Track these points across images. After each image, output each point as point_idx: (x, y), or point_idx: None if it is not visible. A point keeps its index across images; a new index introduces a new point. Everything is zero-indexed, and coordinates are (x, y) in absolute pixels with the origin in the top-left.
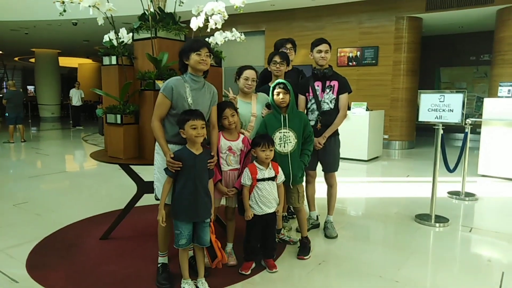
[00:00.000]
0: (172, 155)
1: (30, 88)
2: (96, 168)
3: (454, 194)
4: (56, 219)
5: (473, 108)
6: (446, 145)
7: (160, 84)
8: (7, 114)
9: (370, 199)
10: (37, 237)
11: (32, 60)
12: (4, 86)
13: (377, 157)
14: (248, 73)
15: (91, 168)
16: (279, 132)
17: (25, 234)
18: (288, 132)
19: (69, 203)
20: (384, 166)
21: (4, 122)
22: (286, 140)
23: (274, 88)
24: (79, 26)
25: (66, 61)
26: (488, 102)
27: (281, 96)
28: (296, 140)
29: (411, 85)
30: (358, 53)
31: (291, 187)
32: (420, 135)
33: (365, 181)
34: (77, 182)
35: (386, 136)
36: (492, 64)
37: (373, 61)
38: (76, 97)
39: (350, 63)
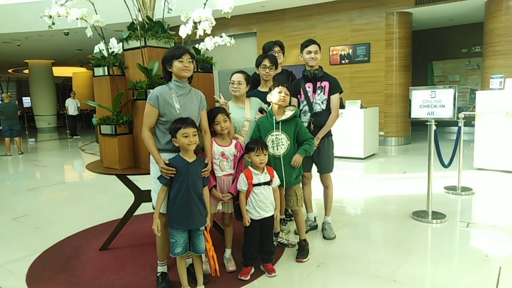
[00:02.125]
0: (167, 162)
1: (26, 99)
2: (94, 178)
3: (450, 189)
4: (55, 231)
5: (467, 101)
6: (442, 139)
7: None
8: (0, 127)
9: (367, 197)
10: (36, 250)
11: (26, 71)
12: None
13: (373, 155)
14: (234, 76)
15: (90, 178)
16: (271, 135)
17: (24, 248)
18: (280, 135)
19: (68, 215)
20: (381, 163)
21: (1, 135)
22: (278, 142)
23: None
24: (71, 36)
25: (60, 71)
26: (480, 95)
27: (283, 94)
28: (288, 143)
29: (404, 80)
30: (350, 51)
31: (288, 190)
32: (416, 130)
33: (362, 179)
34: (76, 193)
35: (382, 133)
36: (483, 56)
37: (365, 58)
38: (72, 106)
39: (343, 61)
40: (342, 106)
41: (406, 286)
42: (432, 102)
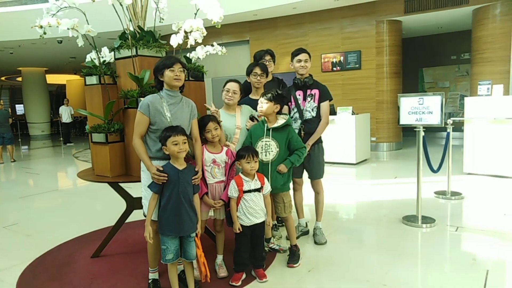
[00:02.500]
0: (160, 168)
1: (19, 106)
2: (87, 185)
3: (440, 194)
4: (47, 239)
5: (457, 106)
6: (433, 144)
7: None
8: None
9: (359, 202)
10: (27, 258)
11: (19, 79)
12: None
13: (365, 160)
14: (229, 85)
15: (83, 185)
16: (261, 141)
17: (15, 256)
18: (270, 141)
19: (61, 222)
20: (373, 168)
21: None
22: (267, 149)
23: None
24: (65, 44)
25: (54, 78)
26: (468, 101)
27: (259, 105)
28: (277, 150)
29: (395, 87)
30: (342, 58)
31: (276, 197)
32: (407, 136)
33: (354, 185)
34: (68, 200)
35: (373, 139)
36: (471, 63)
37: (357, 65)
38: (66, 114)
39: (334, 68)
40: (334, 112)
41: None
42: (420, 109)
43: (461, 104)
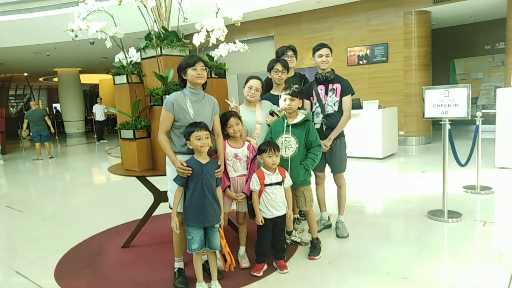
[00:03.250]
0: (183, 162)
1: (56, 106)
2: (119, 180)
3: (469, 188)
4: (81, 230)
5: (491, 98)
6: (466, 137)
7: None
8: (30, 133)
9: (383, 196)
10: (64, 248)
11: (56, 79)
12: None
13: (393, 154)
14: (252, 82)
15: (115, 180)
16: (281, 137)
17: (53, 246)
18: (290, 137)
19: (94, 215)
20: (400, 163)
21: (32, 141)
22: (287, 145)
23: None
24: (96, 45)
25: (87, 78)
26: (501, 92)
27: (287, 102)
28: (297, 145)
29: (424, 79)
30: (368, 51)
31: (296, 191)
32: (437, 129)
33: (380, 179)
34: (101, 194)
35: (401, 133)
36: (506, 52)
37: (384, 58)
38: (99, 112)
39: (361, 62)
40: (360, 106)
41: (416, 283)
42: (445, 102)
43: (495, 96)
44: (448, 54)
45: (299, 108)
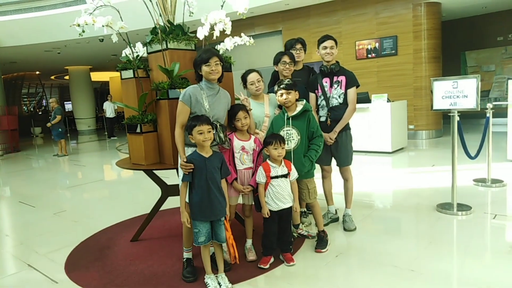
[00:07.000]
0: (184, 158)
1: (67, 103)
2: (129, 176)
3: (480, 181)
4: (91, 225)
5: (504, 91)
6: (477, 131)
7: (176, 92)
8: (60, 130)
9: (392, 190)
10: (74, 241)
11: (67, 77)
12: (44, 104)
13: (402, 148)
14: (251, 77)
15: (125, 176)
16: (283, 130)
17: (63, 239)
18: (291, 130)
19: (104, 210)
20: (410, 157)
21: (44, 138)
22: (289, 137)
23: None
24: (106, 42)
25: (98, 76)
26: None
27: (284, 96)
28: (299, 137)
29: (434, 72)
30: (377, 44)
31: (300, 183)
32: (448, 123)
33: (389, 173)
34: (111, 189)
35: (411, 127)
36: None
37: (393, 51)
38: (109, 109)
39: (369, 55)
40: (368, 100)
41: (423, 275)
42: (454, 93)
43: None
44: (459, 47)
45: (297, 100)
